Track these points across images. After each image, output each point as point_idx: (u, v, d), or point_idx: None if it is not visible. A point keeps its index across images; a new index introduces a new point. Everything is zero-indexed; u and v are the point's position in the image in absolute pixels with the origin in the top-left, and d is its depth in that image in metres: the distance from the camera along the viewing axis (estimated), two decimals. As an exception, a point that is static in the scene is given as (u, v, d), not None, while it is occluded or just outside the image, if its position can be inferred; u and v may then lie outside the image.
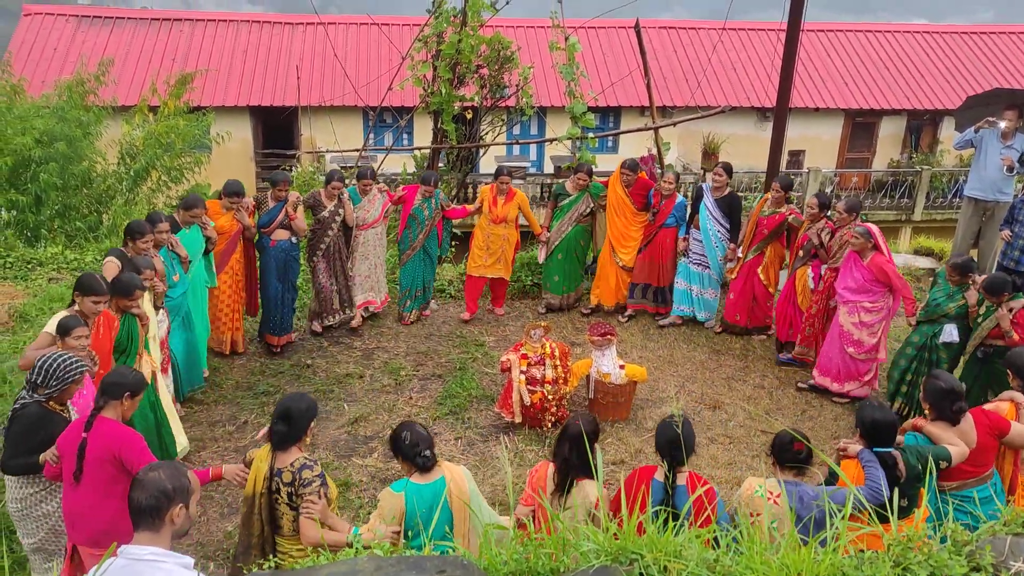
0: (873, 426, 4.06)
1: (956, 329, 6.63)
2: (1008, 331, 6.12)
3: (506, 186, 8.49)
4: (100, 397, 4.05)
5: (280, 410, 3.91)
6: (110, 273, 5.62)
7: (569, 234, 8.74)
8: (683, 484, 3.87)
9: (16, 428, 4.12)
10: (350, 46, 20.76)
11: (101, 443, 3.94)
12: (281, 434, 3.89)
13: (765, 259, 8.26)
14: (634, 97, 19.82)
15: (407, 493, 3.83)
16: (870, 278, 6.95)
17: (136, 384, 4.17)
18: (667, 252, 8.68)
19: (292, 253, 7.70)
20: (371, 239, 8.32)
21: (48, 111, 12.14)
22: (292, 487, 3.83)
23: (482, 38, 10.00)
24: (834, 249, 7.44)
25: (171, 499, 2.78)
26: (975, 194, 9.13)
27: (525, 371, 6.60)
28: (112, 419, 4.06)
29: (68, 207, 12.17)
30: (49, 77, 16.70)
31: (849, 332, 7.14)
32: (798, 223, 7.99)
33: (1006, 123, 8.69)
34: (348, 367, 7.79)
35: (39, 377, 4.12)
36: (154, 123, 13.17)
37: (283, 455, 3.91)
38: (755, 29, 22.53)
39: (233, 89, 19.44)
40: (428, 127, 10.82)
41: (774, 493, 3.83)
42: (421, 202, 8.36)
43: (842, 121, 21.50)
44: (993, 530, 2.18)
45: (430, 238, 8.51)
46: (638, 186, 8.58)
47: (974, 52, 22.54)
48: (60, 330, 4.64)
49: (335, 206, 7.87)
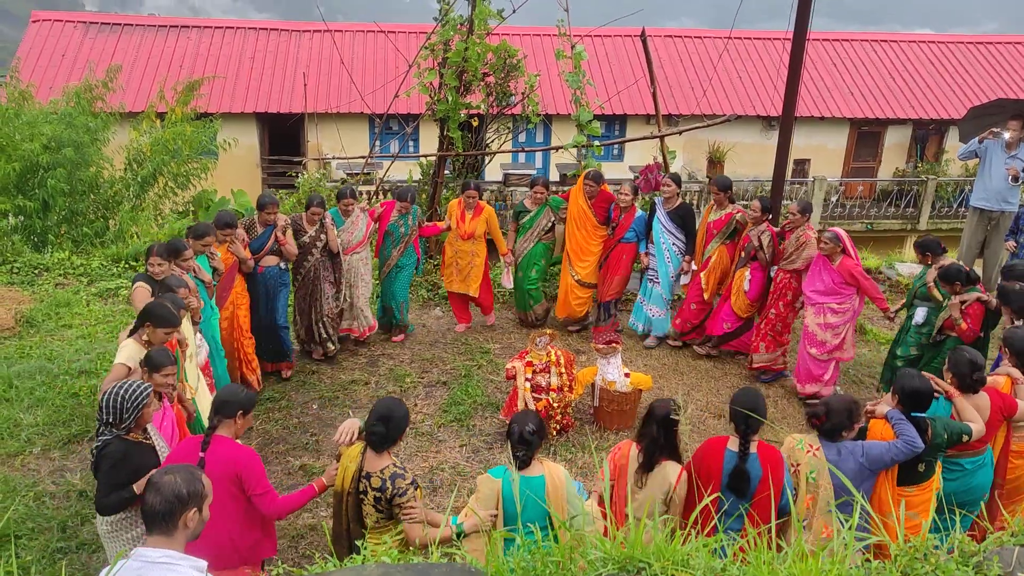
0: (915, 393, 4.33)
1: (925, 311, 6.86)
2: (957, 319, 6.33)
3: (473, 201, 8.25)
4: (214, 416, 4.06)
5: (380, 412, 3.98)
6: (141, 299, 5.52)
7: (530, 251, 8.52)
8: (755, 452, 4.07)
9: (105, 467, 4.03)
10: (357, 54, 20.83)
11: (220, 462, 3.96)
12: (380, 435, 3.95)
13: (710, 264, 8.17)
14: (640, 105, 19.84)
15: (504, 480, 3.93)
16: (839, 281, 7.11)
17: (248, 401, 4.16)
18: (620, 267, 8.36)
19: (282, 279, 7.28)
20: (355, 264, 7.86)
21: (56, 117, 12.20)
22: (382, 493, 3.89)
23: (488, 46, 10.02)
24: (789, 250, 7.54)
25: (185, 504, 2.81)
26: (980, 204, 9.14)
27: (530, 379, 6.60)
28: (228, 437, 4.08)
29: (75, 213, 12.21)
30: (57, 83, 16.78)
31: (813, 333, 7.31)
32: (745, 221, 7.97)
33: (1010, 133, 8.69)
34: (353, 374, 7.80)
35: (111, 416, 4.03)
36: (161, 129, 13.22)
37: (375, 458, 3.98)
38: (761, 38, 22.56)
39: (240, 96, 19.51)
40: (434, 134, 10.84)
41: (813, 446, 4.17)
42: (397, 218, 8.07)
43: (847, 130, 21.50)
44: (1000, 541, 2.17)
45: (405, 255, 8.19)
46: (600, 198, 8.25)
47: (979, 62, 22.54)
48: (149, 365, 4.53)
49: (316, 231, 7.39)
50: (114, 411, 4.01)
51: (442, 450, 6.55)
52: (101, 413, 4.04)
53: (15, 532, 5.27)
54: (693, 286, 8.32)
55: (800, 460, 4.17)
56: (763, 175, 17.58)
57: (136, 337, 4.89)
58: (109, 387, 4.11)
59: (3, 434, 6.44)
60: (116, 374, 4.69)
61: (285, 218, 7.21)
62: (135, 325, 4.99)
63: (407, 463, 6.24)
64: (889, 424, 4.31)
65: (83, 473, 6.01)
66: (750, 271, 7.84)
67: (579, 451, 6.54)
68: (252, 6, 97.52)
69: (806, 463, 4.15)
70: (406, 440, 6.67)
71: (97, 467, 4.05)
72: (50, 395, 7.03)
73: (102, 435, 4.09)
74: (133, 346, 4.84)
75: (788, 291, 7.61)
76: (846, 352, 7.36)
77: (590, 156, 10.17)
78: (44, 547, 5.20)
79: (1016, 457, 4.91)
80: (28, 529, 5.36)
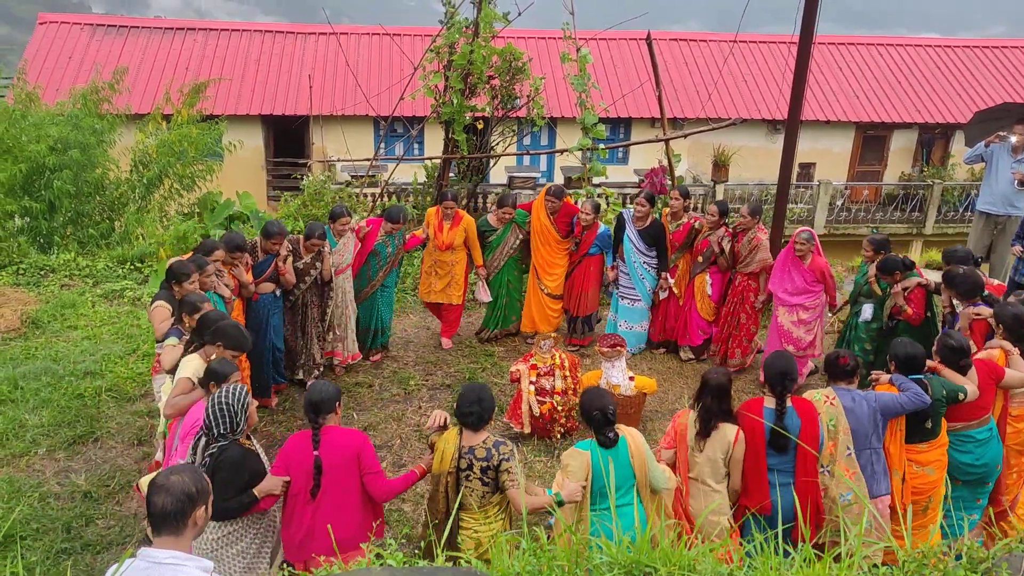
0: (908, 357, 4.81)
1: (871, 307, 7.13)
2: (903, 306, 6.72)
3: (451, 211, 7.92)
4: (316, 416, 4.22)
5: (472, 396, 4.26)
6: (159, 319, 5.54)
7: (503, 269, 8.33)
8: (792, 407, 4.51)
9: (224, 475, 4.01)
10: (362, 56, 20.86)
11: (338, 451, 4.20)
12: (477, 414, 4.23)
13: (678, 271, 8.19)
14: (645, 109, 19.85)
15: (592, 452, 4.21)
16: (811, 279, 7.34)
17: (338, 392, 4.38)
18: (590, 280, 8.29)
19: (276, 305, 7.01)
20: (344, 284, 7.54)
21: (62, 119, 12.24)
22: (487, 461, 4.18)
23: (494, 49, 10.04)
24: (743, 254, 7.67)
25: (195, 502, 2.83)
26: (987, 208, 9.11)
27: (535, 382, 6.59)
28: (336, 426, 4.30)
29: (81, 214, 12.26)
30: (64, 85, 16.83)
31: (788, 331, 7.50)
32: (701, 228, 8.05)
33: (1017, 137, 8.68)
34: (357, 376, 7.80)
35: (226, 424, 4.07)
36: (167, 131, 13.26)
37: (474, 435, 4.27)
38: (766, 42, 22.56)
39: (245, 98, 19.55)
40: (439, 137, 10.85)
41: (830, 397, 4.62)
42: (384, 238, 7.72)
43: (853, 134, 21.47)
44: (1009, 547, 2.16)
45: (390, 275, 7.94)
46: (562, 213, 8.12)
47: (985, 66, 22.49)
48: (216, 378, 4.48)
49: (312, 258, 7.11)
50: (228, 418, 4.08)
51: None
52: (214, 425, 4.07)
53: (20, 533, 5.28)
54: (666, 299, 8.30)
55: (820, 410, 4.56)
56: (768, 179, 17.58)
57: (201, 354, 4.91)
58: (213, 398, 4.13)
59: (8, 435, 6.45)
60: (180, 388, 4.72)
61: (287, 247, 6.95)
62: (191, 343, 5.00)
63: (411, 466, 6.23)
64: (894, 386, 4.74)
65: (88, 474, 6.02)
66: (709, 275, 8.03)
67: (583, 454, 6.53)
68: (258, 8, 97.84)
69: (825, 412, 4.56)
70: (410, 442, 6.67)
71: (214, 474, 3.98)
72: (55, 396, 7.05)
73: (216, 443, 4.07)
74: (198, 360, 4.86)
75: (749, 292, 7.81)
76: (816, 349, 7.61)
77: (595, 159, 10.18)
78: (49, 548, 5.21)
79: (1016, 421, 5.31)
80: (33, 530, 5.36)
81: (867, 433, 4.60)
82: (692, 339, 8.29)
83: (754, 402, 4.66)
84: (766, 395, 4.62)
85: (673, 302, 8.31)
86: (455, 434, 4.33)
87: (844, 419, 4.53)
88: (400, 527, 5.50)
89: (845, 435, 4.53)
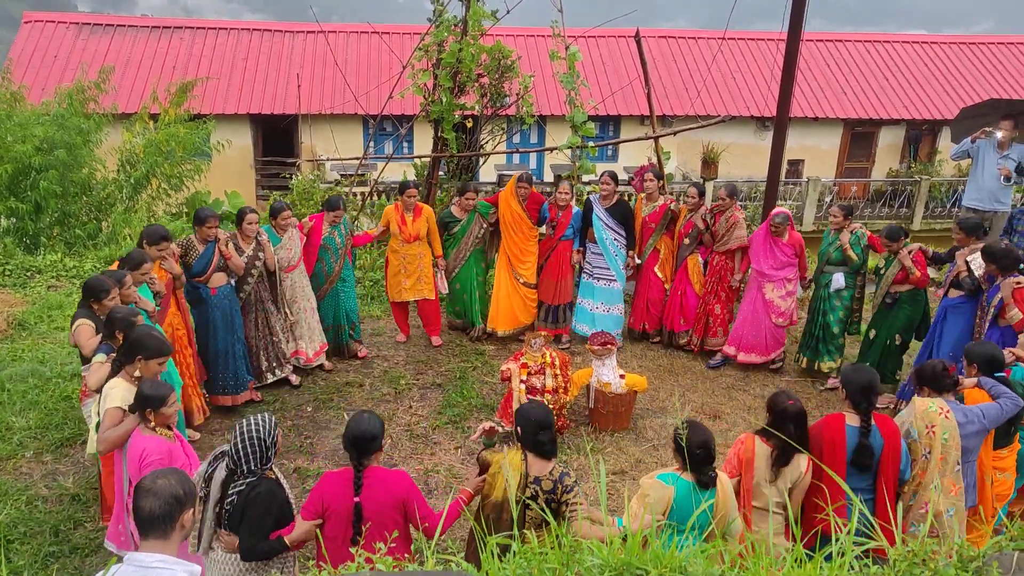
0: (989, 358, 4.73)
1: (843, 276, 7.47)
2: (911, 269, 6.98)
3: (413, 200, 7.93)
4: (359, 457, 3.77)
5: (546, 420, 3.92)
6: (85, 337, 5.16)
7: (468, 260, 8.32)
8: (876, 425, 4.27)
9: (259, 511, 3.74)
10: (350, 55, 20.79)
11: (383, 495, 3.76)
12: (551, 442, 3.90)
13: (660, 256, 8.38)
14: (634, 106, 19.85)
15: (678, 488, 3.79)
16: (791, 253, 7.73)
17: (381, 428, 3.88)
18: (567, 267, 8.41)
19: (235, 297, 6.84)
20: (296, 280, 7.37)
21: (48, 118, 12.14)
22: (553, 494, 3.83)
23: (483, 47, 10.01)
24: (720, 233, 8.00)
25: (183, 504, 2.80)
26: (973, 204, 9.16)
27: (525, 380, 6.59)
28: (379, 467, 3.88)
29: (67, 215, 12.17)
30: (49, 84, 16.71)
31: (777, 305, 7.80)
32: (678, 210, 8.30)
33: (1003, 133, 8.72)
34: (348, 376, 7.77)
35: (257, 459, 3.76)
36: (154, 131, 13.18)
37: (543, 463, 3.90)
38: (755, 39, 22.60)
39: (233, 97, 19.45)
40: (428, 135, 10.82)
41: (944, 409, 4.36)
42: (330, 230, 7.63)
43: (841, 131, 21.54)
44: (1000, 546, 2.17)
45: (346, 267, 7.82)
46: (532, 200, 8.21)
47: (972, 62, 22.60)
48: (152, 404, 4.09)
49: (254, 249, 6.90)
50: (260, 452, 3.76)
51: (437, 452, 6.53)
52: (244, 461, 3.73)
53: (7, 536, 5.24)
54: (645, 284, 8.49)
55: (935, 421, 4.33)
56: (757, 176, 17.60)
57: (124, 375, 4.48)
58: (240, 430, 3.77)
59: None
60: (112, 419, 4.29)
61: (226, 233, 6.75)
62: (117, 361, 4.57)
63: (402, 465, 6.22)
64: (984, 390, 4.60)
65: (75, 477, 5.98)
66: (700, 255, 8.29)
67: (575, 453, 6.53)
68: (246, 7, 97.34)
69: (940, 425, 4.31)
70: (400, 442, 6.65)
71: (243, 511, 3.75)
72: (42, 398, 7.00)
73: (246, 479, 3.77)
74: (123, 385, 4.43)
75: (727, 272, 8.10)
76: (794, 316, 8.02)
77: (584, 157, 10.16)
78: (36, 551, 5.17)
79: None
80: (20, 533, 5.32)
81: (973, 448, 4.47)
82: (688, 320, 8.40)
83: (834, 418, 4.38)
84: (847, 411, 4.34)
85: (656, 288, 8.45)
86: (519, 459, 3.91)
87: (957, 434, 4.33)
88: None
89: (956, 450, 4.34)
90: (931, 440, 4.32)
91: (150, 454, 4.00)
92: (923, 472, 4.35)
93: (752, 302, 7.90)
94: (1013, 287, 5.99)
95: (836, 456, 4.22)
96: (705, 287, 8.21)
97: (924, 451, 4.35)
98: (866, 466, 4.21)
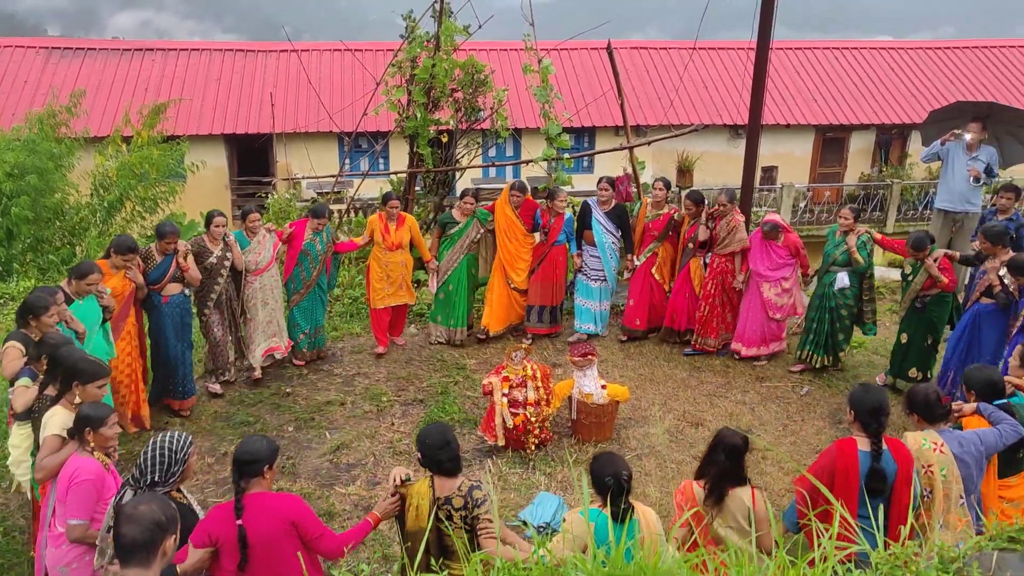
0: (990, 384, 4.58)
1: (847, 275, 7.72)
2: (938, 277, 7.11)
3: (395, 211, 8.22)
4: (239, 478, 3.67)
5: (440, 439, 3.91)
6: (9, 359, 4.98)
7: (461, 264, 8.54)
8: (887, 449, 4.04)
9: None
10: (324, 73, 20.78)
11: (268, 520, 3.63)
12: (452, 459, 3.89)
13: (658, 259, 8.69)
14: (608, 117, 19.98)
15: (598, 524, 3.63)
16: (786, 255, 8.05)
17: (273, 453, 3.77)
18: (560, 270, 8.73)
19: (186, 307, 7.03)
20: (267, 283, 7.61)
21: (19, 144, 12.02)
22: (466, 510, 3.81)
23: (456, 62, 10.04)
24: (722, 236, 8.27)
25: (165, 530, 2.76)
26: (944, 206, 9.27)
27: (507, 393, 6.57)
28: (265, 491, 3.75)
29: (40, 240, 12.04)
30: (20, 110, 16.56)
31: (774, 302, 8.14)
32: (681, 219, 8.59)
33: (971, 135, 8.84)
34: (328, 394, 7.73)
35: (158, 472, 3.60)
36: (127, 153, 13.08)
37: (449, 481, 3.89)
38: (725, 48, 22.84)
39: (207, 117, 19.37)
40: (404, 151, 10.82)
41: (938, 443, 4.17)
42: (312, 237, 7.84)
43: (813, 137, 21.79)
44: (980, 546, 2.19)
45: (323, 276, 8.06)
46: (525, 207, 8.55)
47: (938, 67, 22.97)
48: (91, 423, 3.98)
49: (222, 250, 7.19)
50: (165, 465, 3.61)
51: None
52: (148, 471, 3.60)
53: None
54: (641, 285, 8.71)
55: (931, 460, 4.16)
56: (732, 183, 17.64)
57: (64, 403, 4.35)
58: (150, 442, 3.67)
59: (-30, 469, 6.29)
60: (51, 447, 4.17)
61: (185, 244, 6.94)
62: (60, 391, 4.43)
63: (385, 483, 6.17)
64: (983, 417, 4.44)
65: (53, 506, 5.88)
66: (700, 257, 8.52)
67: (558, 465, 6.52)
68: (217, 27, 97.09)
69: (937, 461, 4.15)
70: (383, 459, 6.61)
71: None
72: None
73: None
74: (63, 412, 4.31)
75: (726, 274, 8.35)
76: (799, 308, 8.27)
77: (560, 169, 10.20)
78: (14, 584, 5.08)
79: None
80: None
81: (974, 478, 4.27)
82: (692, 323, 8.68)
83: (846, 443, 4.13)
84: (857, 435, 4.12)
85: (658, 291, 8.77)
86: (426, 485, 3.92)
87: (955, 467, 4.14)
88: (375, 548, 5.44)
89: (957, 484, 4.15)
90: (930, 480, 4.15)
91: (81, 473, 3.89)
92: (928, 512, 4.15)
93: (751, 300, 8.26)
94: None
95: (850, 483, 3.99)
96: (706, 288, 8.45)
97: (925, 492, 4.18)
98: (879, 491, 3.99)
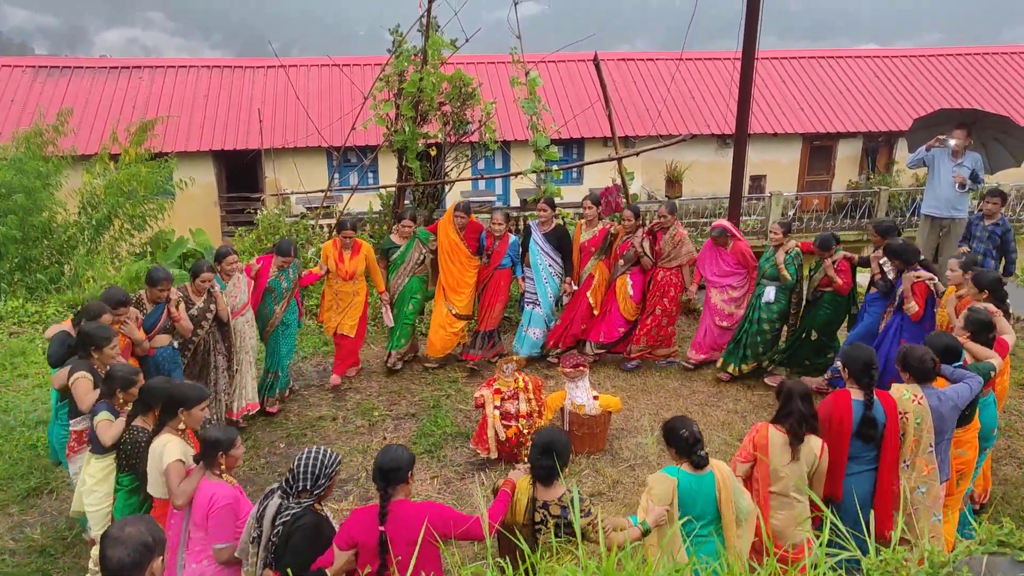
0: (947, 348, 5.01)
1: (774, 290, 7.86)
2: (833, 277, 7.54)
3: (350, 240, 7.87)
4: (385, 485, 3.81)
5: (542, 445, 4.01)
6: (83, 391, 4.98)
7: (406, 287, 8.23)
8: (879, 400, 4.56)
9: (300, 540, 3.75)
10: (312, 88, 20.80)
11: (409, 528, 3.74)
12: (548, 468, 3.97)
13: (594, 282, 8.46)
14: (596, 128, 20.04)
15: (680, 477, 4.05)
16: (734, 262, 8.19)
17: (412, 460, 3.96)
18: (499, 294, 8.40)
19: (175, 360, 6.49)
20: (242, 327, 7.15)
21: (6, 163, 12.00)
22: (563, 519, 3.90)
23: (443, 75, 10.07)
24: (667, 250, 8.23)
25: (152, 552, 2.75)
26: (931, 212, 9.31)
27: (499, 406, 6.56)
28: (405, 500, 3.88)
29: (28, 259, 11.99)
30: (6, 129, 16.51)
31: (721, 309, 8.27)
32: (617, 233, 8.44)
33: (955, 142, 8.90)
34: (320, 410, 7.70)
35: (310, 482, 3.82)
36: (116, 171, 13.05)
37: (548, 489, 4.01)
38: (711, 59, 22.96)
39: (195, 134, 19.34)
40: (393, 165, 10.83)
41: (917, 395, 4.62)
42: (277, 274, 7.43)
43: (800, 145, 21.90)
44: (969, 550, 2.19)
45: (288, 310, 7.59)
46: (470, 229, 8.19)
47: (923, 75, 23.16)
48: (223, 447, 4.12)
49: (205, 301, 6.71)
50: (313, 475, 3.82)
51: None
52: (301, 479, 3.82)
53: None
54: (573, 306, 8.52)
55: (908, 408, 4.59)
56: (721, 192, 17.81)
57: (170, 429, 4.48)
58: (306, 452, 3.87)
59: (-42, 491, 6.23)
60: (177, 472, 4.26)
61: (177, 292, 6.49)
62: (161, 420, 4.53)
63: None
64: (945, 378, 4.91)
65: (43, 528, 5.83)
66: (630, 276, 8.37)
67: (552, 477, 6.50)
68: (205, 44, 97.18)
69: (912, 411, 4.58)
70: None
71: (287, 541, 3.76)
72: (7, 448, 6.84)
73: (288, 509, 3.82)
74: (175, 439, 4.42)
75: (671, 288, 8.29)
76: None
77: (549, 181, 10.23)
78: (4, 607, 5.03)
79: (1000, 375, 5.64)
80: (-14, 589, 5.18)
81: (946, 429, 4.75)
82: (607, 335, 8.51)
83: (840, 394, 4.67)
84: (851, 387, 4.65)
85: (580, 310, 8.49)
86: (527, 483, 4.09)
87: (930, 418, 4.61)
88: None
89: (928, 433, 4.62)
90: (904, 425, 4.60)
91: (219, 500, 4.05)
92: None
93: (706, 307, 8.46)
94: (912, 280, 6.69)
95: (843, 429, 4.52)
96: (650, 302, 8.32)
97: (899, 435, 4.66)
98: (871, 436, 4.49)
